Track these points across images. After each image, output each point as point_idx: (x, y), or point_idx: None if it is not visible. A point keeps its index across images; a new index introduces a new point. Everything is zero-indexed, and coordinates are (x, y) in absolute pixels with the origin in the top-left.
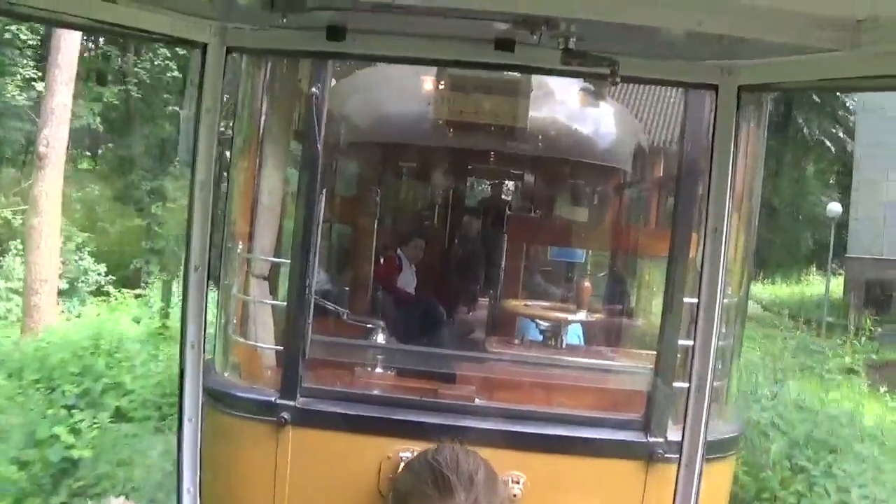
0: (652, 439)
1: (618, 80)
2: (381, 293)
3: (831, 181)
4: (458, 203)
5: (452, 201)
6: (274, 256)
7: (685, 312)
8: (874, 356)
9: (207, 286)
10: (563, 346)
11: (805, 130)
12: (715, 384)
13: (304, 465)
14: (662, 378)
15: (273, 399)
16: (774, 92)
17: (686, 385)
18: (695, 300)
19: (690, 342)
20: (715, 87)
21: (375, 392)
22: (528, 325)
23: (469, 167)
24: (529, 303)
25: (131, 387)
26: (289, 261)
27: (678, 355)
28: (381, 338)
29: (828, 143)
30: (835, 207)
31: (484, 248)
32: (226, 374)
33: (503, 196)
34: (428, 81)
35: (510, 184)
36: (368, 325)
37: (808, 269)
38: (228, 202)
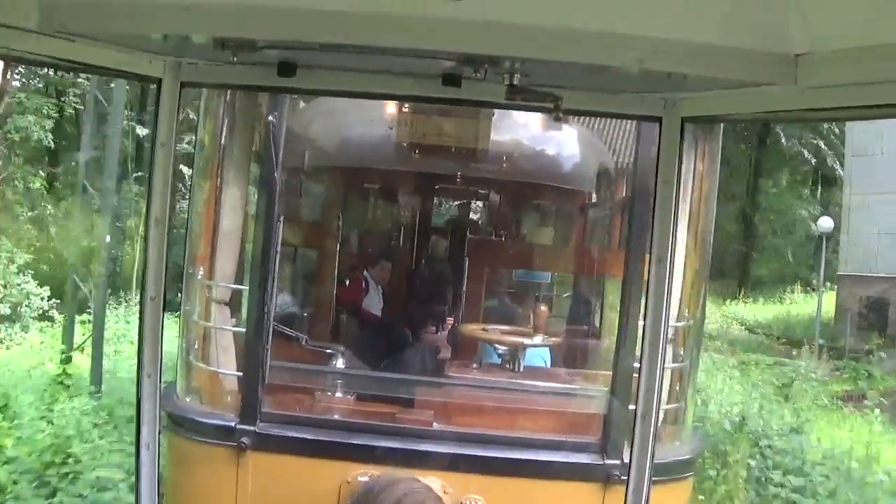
0: (609, 461)
1: (561, 114)
2: (347, 315)
3: (807, 194)
4: (420, 225)
5: (415, 223)
6: (235, 282)
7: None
8: (881, 384)
9: (163, 316)
10: (521, 369)
11: (784, 142)
12: (670, 406)
13: (265, 489)
14: (618, 400)
15: (233, 424)
16: (718, 123)
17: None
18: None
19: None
20: (659, 119)
21: (334, 417)
22: (490, 348)
23: (431, 189)
24: (488, 327)
25: (13, 453)
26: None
27: (634, 377)
28: (340, 362)
29: (807, 155)
30: (825, 223)
31: (445, 271)
32: (187, 400)
33: (465, 218)
34: (391, 105)
35: (473, 205)
36: (328, 351)
37: (793, 287)
38: (189, 228)
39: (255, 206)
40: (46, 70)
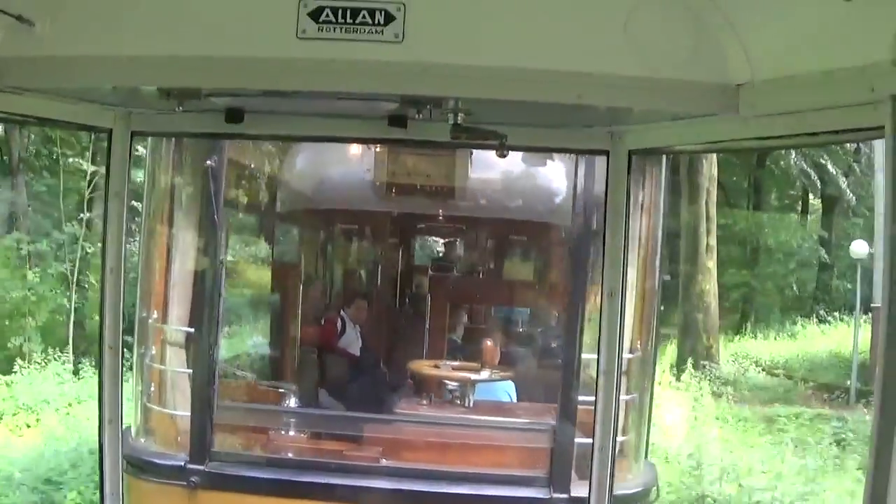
0: (556, 495)
1: (506, 152)
2: (322, 355)
3: (812, 218)
4: (389, 263)
5: (384, 261)
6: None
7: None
8: None
9: (122, 364)
10: (471, 405)
11: (790, 160)
12: (622, 439)
13: None
14: (563, 434)
15: (183, 464)
16: (665, 154)
17: (589, 441)
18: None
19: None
20: (606, 153)
21: (282, 455)
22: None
23: (397, 228)
24: (441, 363)
25: None
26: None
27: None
28: (293, 402)
29: (814, 177)
30: (860, 248)
31: (411, 308)
32: (142, 441)
33: (426, 256)
34: (357, 146)
35: (438, 243)
36: (280, 390)
37: (803, 317)
38: (142, 273)
39: (198, 250)
40: None
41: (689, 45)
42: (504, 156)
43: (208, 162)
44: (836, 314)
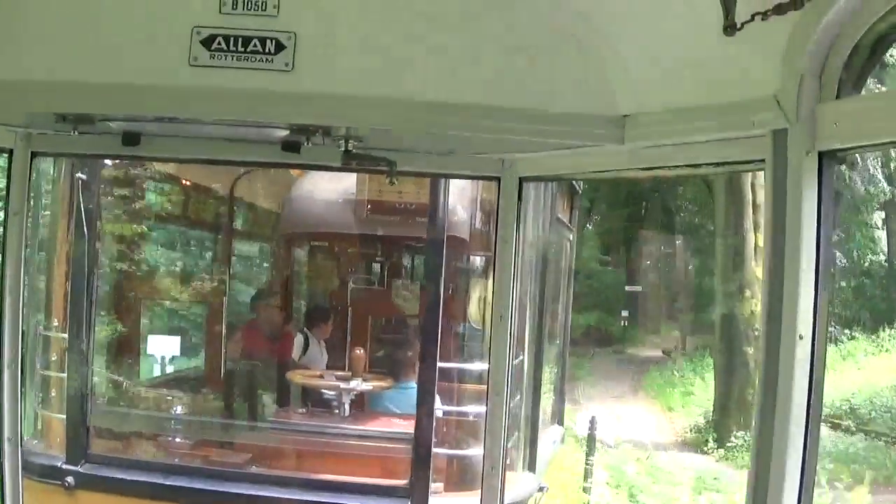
0: None
1: (395, 180)
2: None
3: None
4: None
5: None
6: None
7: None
8: None
9: (22, 383)
10: (346, 413)
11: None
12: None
13: None
14: (420, 444)
15: (59, 464)
16: (555, 181)
17: (446, 451)
18: (478, 367)
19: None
20: (497, 179)
21: (154, 459)
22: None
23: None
24: (326, 372)
25: None
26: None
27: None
28: (180, 409)
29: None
30: None
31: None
32: (34, 443)
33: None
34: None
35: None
36: (169, 398)
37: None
38: (32, 288)
39: (72, 257)
40: None
41: (578, 78)
42: (394, 182)
43: (79, 174)
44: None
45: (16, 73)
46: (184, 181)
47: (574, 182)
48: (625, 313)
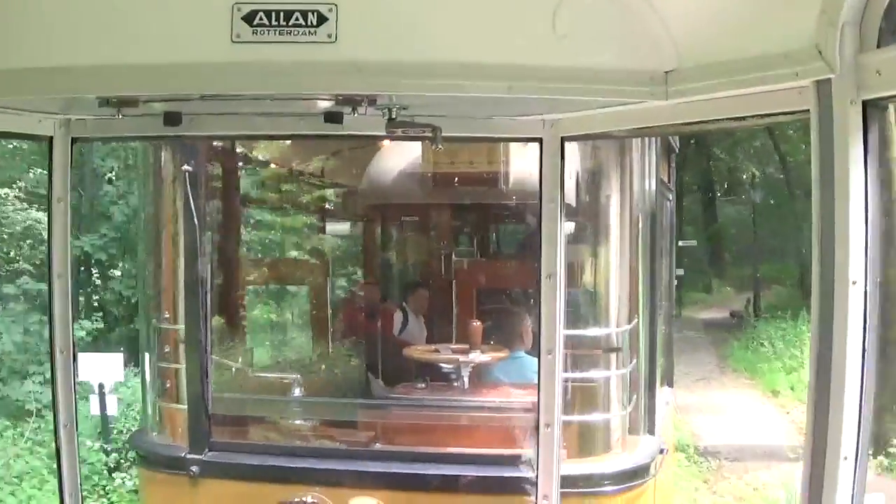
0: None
1: (441, 144)
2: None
3: None
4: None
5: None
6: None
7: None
8: None
9: (74, 367)
10: (466, 386)
11: None
12: (616, 415)
13: None
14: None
15: (183, 454)
16: (598, 140)
17: (576, 418)
18: (597, 332)
19: (592, 374)
20: (539, 140)
21: (278, 442)
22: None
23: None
24: (441, 346)
25: None
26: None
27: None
28: (298, 391)
29: None
30: None
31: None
32: (154, 435)
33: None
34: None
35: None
36: (285, 380)
37: None
38: (143, 276)
39: (183, 248)
40: None
41: (618, 34)
42: (439, 147)
43: (184, 167)
44: None
45: (55, 59)
46: (273, 164)
47: (671, 140)
48: (679, 271)
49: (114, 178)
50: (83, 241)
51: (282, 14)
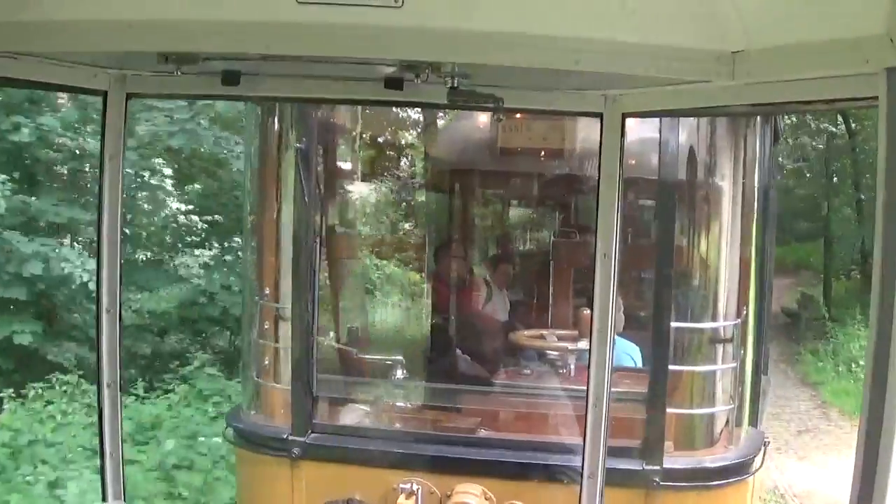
0: (648, 467)
1: (502, 116)
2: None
3: None
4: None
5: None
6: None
7: (695, 338)
8: None
9: (120, 326)
10: (572, 374)
11: None
12: (724, 408)
13: (316, 497)
14: (654, 404)
15: (285, 435)
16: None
17: (688, 411)
18: (704, 325)
19: (702, 367)
20: (599, 115)
21: (382, 426)
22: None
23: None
24: (546, 332)
25: None
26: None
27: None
28: (400, 373)
29: None
30: None
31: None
32: (251, 414)
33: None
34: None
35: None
36: (388, 362)
37: None
38: (245, 254)
39: (294, 227)
40: None
41: (687, 12)
42: (501, 119)
43: (298, 145)
44: None
45: (116, 12)
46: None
47: (778, 118)
48: None
49: None
50: None
51: None
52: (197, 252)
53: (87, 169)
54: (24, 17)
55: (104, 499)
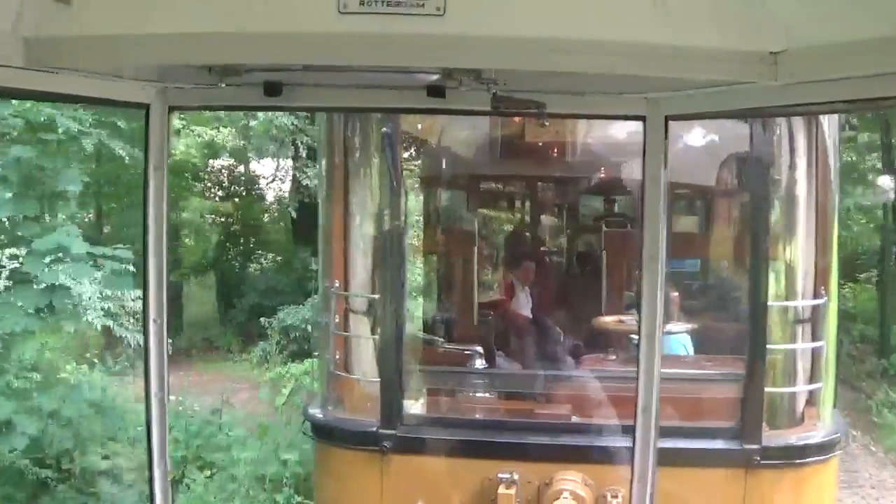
0: (748, 446)
1: (546, 121)
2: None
3: None
4: (551, 224)
5: (544, 224)
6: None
7: (782, 316)
8: None
9: (166, 336)
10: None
11: None
12: (807, 388)
13: (407, 491)
14: (753, 385)
15: (374, 429)
16: (702, 119)
17: (784, 390)
18: (791, 304)
19: (789, 346)
20: (643, 118)
21: (471, 417)
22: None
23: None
24: (625, 318)
25: None
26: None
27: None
28: (479, 363)
29: None
30: None
31: (585, 265)
32: (330, 408)
33: (600, 212)
34: None
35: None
36: (467, 352)
37: None
38: (322, 244)
39: (387, 216)
40: None
41: (726, 13)
42: (544, 124)
43: (384, 129)
44: None
45: (157, 26)
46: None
47: (849, 120)
48: None
49: None
50: None
51: None
52: None
53: None
54: (67, 31)
55: None
